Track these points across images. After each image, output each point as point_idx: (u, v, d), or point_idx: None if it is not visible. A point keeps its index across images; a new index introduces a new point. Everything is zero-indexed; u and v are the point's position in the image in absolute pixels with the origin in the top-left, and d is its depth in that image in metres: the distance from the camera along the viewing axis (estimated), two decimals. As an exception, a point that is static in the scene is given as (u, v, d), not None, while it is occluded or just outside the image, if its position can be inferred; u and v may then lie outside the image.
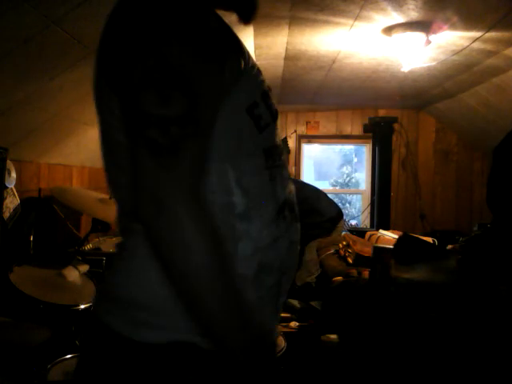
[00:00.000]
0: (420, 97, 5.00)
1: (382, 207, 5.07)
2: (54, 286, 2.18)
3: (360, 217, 6.07)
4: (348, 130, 5.89)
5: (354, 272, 3.42)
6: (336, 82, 4.46)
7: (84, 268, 2.38)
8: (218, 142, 0.84)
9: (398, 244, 2.58)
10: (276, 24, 2.89)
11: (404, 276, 2.20)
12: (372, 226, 5.21)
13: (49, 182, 2.95)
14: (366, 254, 3.58)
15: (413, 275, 2.20)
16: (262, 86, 0.93)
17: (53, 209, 2.88)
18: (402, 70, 3.51)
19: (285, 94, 4.97)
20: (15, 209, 2.38)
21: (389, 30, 2.95)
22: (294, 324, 3.22)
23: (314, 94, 5.00)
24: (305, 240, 3.87)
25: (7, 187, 2.31)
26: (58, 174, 3.12)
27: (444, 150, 5.74)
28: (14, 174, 2.36)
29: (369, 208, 5.52)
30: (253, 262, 0.89)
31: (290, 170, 5.55)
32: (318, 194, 4.42)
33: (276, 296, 0.96)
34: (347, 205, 7.14)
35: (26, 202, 2.55)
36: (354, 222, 6.01)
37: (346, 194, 7.28)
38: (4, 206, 2.26)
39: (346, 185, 7.37)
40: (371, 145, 5.47)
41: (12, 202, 2.36)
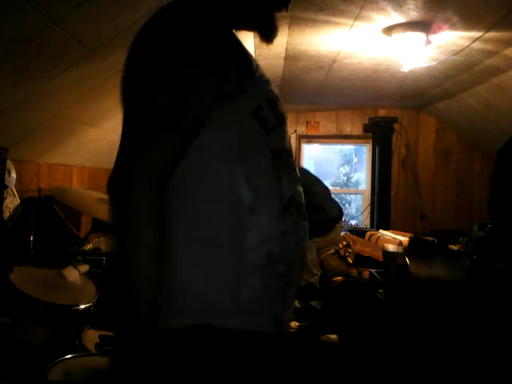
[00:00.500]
0: (420, 97, 5.00)
1: (381, 207, 5.07)
2: (54, 286, 2.18)
3: (360, 217, 6.07)
4: (348, 130, 5.89)
5: (354, 272, 3.42)
6: (336, 82, 4.45)
7: (84, 268, 2.38)
8: (227, 141, 0.96)
9: (412, 244, 2.63)
10: (276, 24, 2.88)
11: (423, 274, 2.24)
12: (372, 225, 5.21)
13: (49, 181, 2.95)
14: (366, 254, 3.59)
15: (431, 273, 2.24)
16: (269, 93, 1.07)
17: (53, 209, 2.88)
18: (402, 70, 3.51)
19: (285, 94, 4.97)
20: (15, 209, 2.38)
21: (389, 29, 2.95)
22: (294, 324, 3.22)
23: (314, 93, 5.00)
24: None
25: (7, 187, 2.31)
26: (58, 173, 3.12)
27: (444, 150, 5.74)
28: (13, 174, 2.36)
29: (369, 208, 5.52)
30: (261, 252, 0.97)
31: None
32: (326, 192, 4.46)
33: (285, 286, 1.02)
34: (347, 205, 7.14)
35: (26, 202, 2.54)
36: (354, 222, 6.01)
37: (346, 193, 7.28)
38: (4, 206, 2.26)
39: (345, 185, 7.37)
40: (371, 145, 5.47)
41: (12, 201, 2.36)
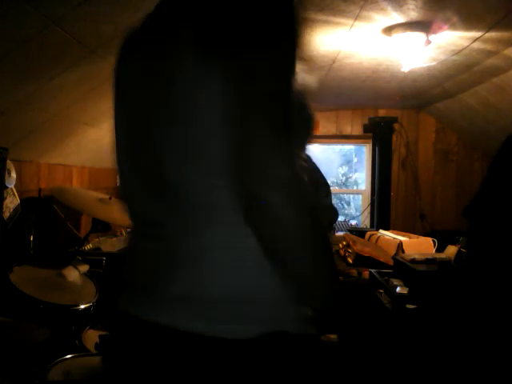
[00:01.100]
0: (420, 97, 5.00)
1: (381, 207, 5.07)
2: (54, 286, 2.19)
3: (360, 217, 6.07)
4: (348, 130, 5.89)
5: (354, 272, 3.42)
6: (336, 82, 4.45)
7: (84, 268, 2.38)
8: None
9: None
10: (276, 24, 2.88)
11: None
12: (372, 225, 5.21)
13: (49, 182, 2.95)
14: (365, 254, 3.59)
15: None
16: None
17: (53, 209, 2.88)
18: (402, 70, 3.51)
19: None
20: (15, 209, 2.38)
21: (389, 30, 2.95)
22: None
23: (314, 93, 4.99)
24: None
25: (7, 187, 2.31)
26: (58, 174, 3.12)
27: (444, 150, 5.74)
28: (13, 174, 2.36)
29: (369, 208, 5.52)
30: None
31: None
32: (329, 190, 4.46)
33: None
34: (346, 205, 7.14)
35: (26, 202, 2.55)
36: (353, 222, 6.00)
37: (346, 193, 7.28)
38: (4, 206, 2.26)
39: (345, 185, 7.37)
40: (371, 145, 5.47)
41: (12, 201, 2.37)
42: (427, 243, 3.75)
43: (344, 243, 3.81)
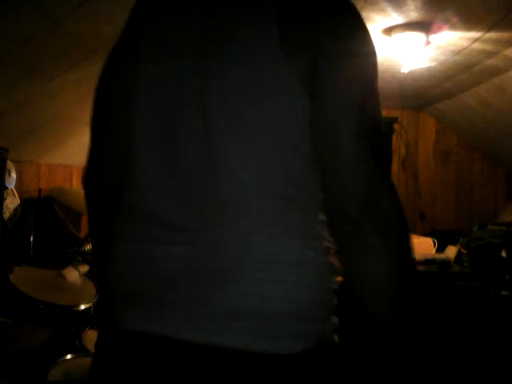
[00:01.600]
0: (420, 97, 5.00)
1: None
2: (54, 287, 2.18)
3: (360, 217, 6.06)
4: (348, 130, 5.89)
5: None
6: (336, 83, 4.45)
7: (84, 268, 2.38)
8: None
9: None
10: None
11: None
12: (372, 226, 5.21)
13: (49, 182, 2.95)
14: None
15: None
16: None
17: (53, 209, 2.88)
18: (402, 70, 3.51)
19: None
20: (15, 209, 2.38)
21: (389, 30, 2.95)
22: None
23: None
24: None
25: (7, 188, 2.31)
26: (58, 174, 3.12)
27: (444, 151, 5.73)
28: (14, 175, 2.36)
29: (369, 208, 5.52)
30: None
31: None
32: None
33: None
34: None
35: (26, 203, 2.55)
36: (353, 223, 5.99)
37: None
38: (4, 207, 2.26)
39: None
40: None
41: (12, 202, 2.37)
42: (427, 243, 3.75)
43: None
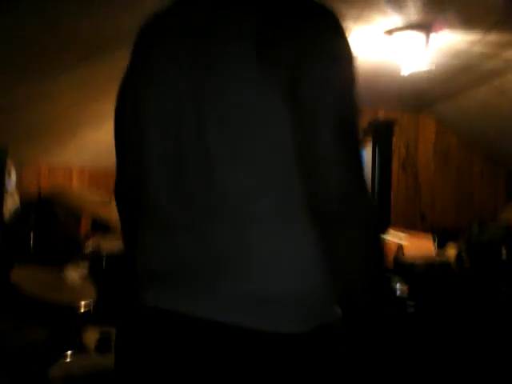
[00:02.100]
0: (420, 98, 5.00)
1: (381, 208, 5.07)
2: (54, 286, 2.19)
3: (360, 218, 6.06)
4: (348, 131, 5.89)
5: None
6: (336, 84, 4.45)
7: (84, 268, 2.38)
8: None
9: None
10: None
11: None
12: (372, 227, 5.21)
13: (49, 183, 2.96)
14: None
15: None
16: None
17: (52, 210, 2.89)
18: (402, 73, 3.51)
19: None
20: (15, 210, 2.39)
21: (389, 32, 2.96)
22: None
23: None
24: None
25: (7, 188, 2.31)
26: (57, 175, 3.12)
27: (444, 152, 5.74)
28: (14, 176, 2.37)
29: (369, 209, 5.52)
30: None
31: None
32: None
33: None
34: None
35: (26, 203, 2.55)
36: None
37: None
38: (4, 208, 2.27)
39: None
40: (371, 146, 5.47)
41: (12, 203, 2.37)
42: (427, 245, 3.75)
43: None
